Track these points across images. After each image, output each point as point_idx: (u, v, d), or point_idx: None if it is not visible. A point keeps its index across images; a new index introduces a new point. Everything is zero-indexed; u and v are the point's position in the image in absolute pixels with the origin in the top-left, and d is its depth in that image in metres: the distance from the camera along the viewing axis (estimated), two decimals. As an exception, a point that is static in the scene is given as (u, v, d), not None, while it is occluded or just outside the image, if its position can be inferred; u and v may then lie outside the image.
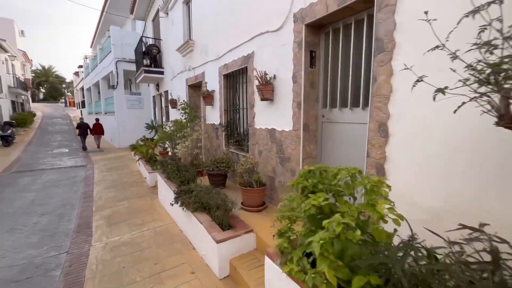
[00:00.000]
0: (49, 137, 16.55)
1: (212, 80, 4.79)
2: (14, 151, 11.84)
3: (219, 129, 4.55)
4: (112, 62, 12.47)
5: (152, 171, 6.04)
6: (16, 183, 6.62)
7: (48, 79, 48.49)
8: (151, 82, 10.01)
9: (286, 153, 2.99)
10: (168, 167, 4.33)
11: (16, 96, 19.58)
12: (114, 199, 5.15)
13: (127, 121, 12.83)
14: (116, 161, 9.50)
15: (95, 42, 19.80)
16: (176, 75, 7.13)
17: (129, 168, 8.20)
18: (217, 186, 3.94)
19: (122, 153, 11.35)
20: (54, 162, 9.57)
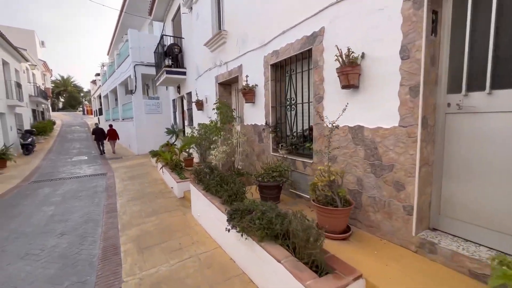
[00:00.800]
0: (68, 144, 16.45)
1: (253, 73, 4.06)
2: (34, 159, 11.62)
3: (265, 131, 3.79)
4: (130, 66, 12.10)
5: (180, 180, 5.35)
6: (35, 194, 6.12)
7: (66, 88, 50.00)
8: (172, 84, 9.46)
9: (385, 159, 2.17)
10: (207, 177, 3.59)
11: (36, 105, 19.81)
12: (140, 214, 4.47)
13: (145, 127, 12.38)
14: (137, 169, 8.95)
15: (112, 48, 19.80)
16: (202, 74, 6.48)
17: (151, 176, 7.58)
18: (270, 201, 3.15)
19: (142, 159, 10.84)
20: (73, 170, 9.14)
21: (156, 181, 6.89)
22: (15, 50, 13.50)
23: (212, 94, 5.93)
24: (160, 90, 13.39)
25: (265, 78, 3.76)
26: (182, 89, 8.89)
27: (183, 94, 8.76)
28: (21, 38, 19.14)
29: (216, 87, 5.67)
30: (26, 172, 9.02)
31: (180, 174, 5.82)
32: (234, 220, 2.46)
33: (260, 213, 2.26)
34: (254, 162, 4.28)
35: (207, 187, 3.53)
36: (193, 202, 4.15)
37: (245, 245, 2.34)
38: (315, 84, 2.84)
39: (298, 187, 3.21)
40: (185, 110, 8.79)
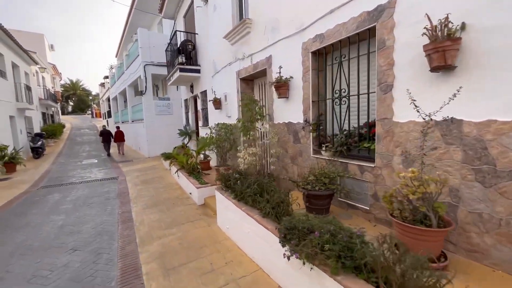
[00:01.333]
0: (77, 147, 16.25)
1: (287, 63, 3.54)
2: (44, 163, 11.35)
3: (304, 129, 3.26)
4: (140, 67, 11.75)
5: (200, 186, 4.86)
6: (44, 201, 5.72)
7: (75, 92, 50.51)
8: (185, 83, 9.02)
9: (502, 163, 1.62)
10: (238, 184, 3.08)
11: (46, 108, 19.75)
12: (159, 224, 3.99)
13: (156, 128, 12.00)
14: (149, 172, 8.52)
15: (120, 50, 19.62)
16: (220, 70, 5.99)
17: (165, 181, 7.13)
18: (319, 213, 2.61)
19: (153, 162, 10.43)
20: (84, 174, 8.78)
21: (171, 186, 6.43)
22: (25, 53, 13.34)
23: (232, 91, 5.43)
24: (170, 91, 13.01)
25: (303, 68, 3.24)
26: (195, 88, 8.43)
27: (197, 93, 8.31)
28: (31, 42, 19.12)
29: (237, 83, 5.17)
30: (35, 176, 8.70)
31: (199, 179, 5.33)
32: (289, 241, 1.93)
33: (329, 235, 1.73)
34: (287, 166, 3.75)
35: (239, 196, 3.01)
36: (220, 212, 3.65)
37: (308, 276, 1.81)
38: (379, 70, 2.30)
39: (351, 196, 2.67)
40: (199, 110, 8.33)
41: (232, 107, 5.54)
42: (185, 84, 9.27)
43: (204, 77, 7.55)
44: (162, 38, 12.06)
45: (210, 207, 4.53)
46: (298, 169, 3.53)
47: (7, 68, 11.57)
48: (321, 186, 2.46)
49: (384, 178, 2.34)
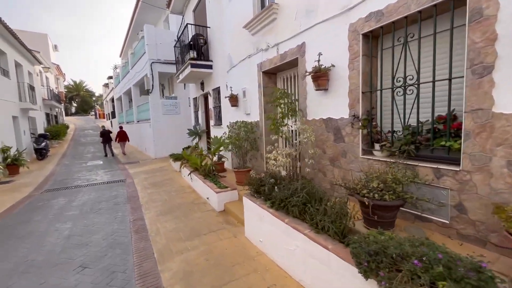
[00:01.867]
0: (82, 148, 15.88)
1: (327, 50, 3.06)
2: (48, 164, 10.97)
3: (353, 125, 2.77)
4: (146, 64, 11.35)
5: (220, 190, 4.39)
6: (49, 206, 5.29)
7: (79, 93, 50.42)
8: (195, 80, 8.57)
9: None
10: (276, 191, 2.61)
11: (50, 109, 19.44)
12: (178, 234, 3.52)
13: (163, 128, 11.58)
14: (158, 174, 8.08)
15: (125, 49, 19.28)
16: (237, 64, 5.53)
17: (176, 183, 6.67)
18: (385, 227, 2.12)
19: (161, 164, 10.00)
20: (90, 176, 8.35)
21: (184, 189, 5.97)
22: (28, 52, 13.00)
23: (253, 86, 4.96)
24: (177, 90, 12.60)
25: (350, 54, 2.76)
26: (206, 85, 7.97)
27: (208, 91, 7.85)
28: (34, 42, 18.82)
29: (259, 77, 4.69)
30: (39, 179, 8.30)
31: (216, 182, 4.86)
32: (374, 271, 1.45)
33: (441, 267, 1.24)
34: (325, 168, 3.27)
35: (279, 205, 2.53)
36: (249, 221, 3.17)
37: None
38: (472, 48, 1.81)
39: (421, 206, 2.18)
40: (210, 109, 7.87)
41: (251, 103, 5.07)
42: (194, 81, 8.82)
43: (216, 73, 7.09)
44: (169, 35, 11.66)
45: (232, 214, 4.06)
46: (340, 172, 3.05)
47: (10, 67, 11.21)
48: (391, 195, 1.98)
49: (475, 185, 1.86)
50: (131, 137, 16.34)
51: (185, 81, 8.71)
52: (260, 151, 4.82)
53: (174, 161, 8.46)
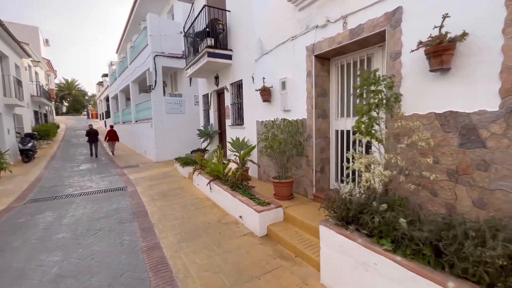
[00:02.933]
0: (73, 150, 14.55)
1: (439, 14, 2.09)
2: (35, 168, 9.68)
3: (510, 121, 1.80)
4: (149, 58, 10.25)
5: (262, 208, 3.34)
6: (32, 225, 4.13)
7: (71, 92, 48.52)
8: (207, 73, 7.53)
9: None
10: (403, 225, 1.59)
11: (39, 107, 17.99)
12: (218, 278, 2.47)
13: (166, 129, 10.45)
14: (164, 181, 6.97)
15: (122, 44, 18.08)
16: (272, 50, 4.53)
17: (189, 193, 5.60)
18: None
19: (164, 168, 8.87)
20: (83, 183, 7.16)
21: (202, 203, 4.89)
22: (15, 42, 11.70)
23: (298, 76, 3.95)
24: (181, 87, 11.51)
25: (509, 13, 1.79)
26: (222, 79, 6.94)
27: (225, 86, 6.81)
28: (24, 35, 17.43)
29: (309, 63, 3.68)
30: (23, 185, 7.06)
31: (251, 196, 3.82)
32: None
33: None
34: (436, 185, 2.27)
35: (413, 250, 1.51)
36: (333, 265, 2.15)
37: None
38: None
39: None
40: (227, 106, 6.82)
41: (294, 97, 4.06)
42: (207, 75, 7.77)
43: (238, 64, 6.07)
44: (174, 26, 10.61)
45: (282, 241, 3.03)
46: (471, 192, 2.05)
47: (-7, 57, 9.94)
48: None
49: None
50: (128, 139, 15.11)
51: (196, 74, 7.65)
52: (308, 157, 3.80)
53: (183, 166, 7.36)
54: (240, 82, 6.09)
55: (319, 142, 3.74)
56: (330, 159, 3.87)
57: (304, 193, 3.96)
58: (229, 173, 4.76)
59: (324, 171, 3.84)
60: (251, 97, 5.47)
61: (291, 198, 3.86)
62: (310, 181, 3.81)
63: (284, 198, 3.83)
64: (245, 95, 5.77)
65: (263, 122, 4.94)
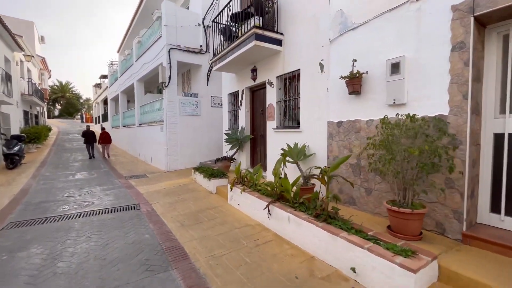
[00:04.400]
0: (67, 155, 12.89)
1: None
2: (21, 176, 8.05)
3: None
4: (162, 51, 8.92)
5: (419, 265, 1.94)
6: (7, 275, 2.62)
7: (64, 95, 46.58)
8: (242, 66, 6.22)
9: None
10: None
11: (30, 107, 16.30)
12: None
13: (179, 133, 9.03)
14: (187, 197, 5.52)
15: (126, 41, 16.74)
16: (369, 22, 3.26)
17: (229, 216, 4.17)
18: None
19: (178, 179, 7.40)
20: (82, 197, 5.63)
21: (257, 233, 3.46)
22: (6, 31, 10.23)
23: (424, 52, 2.66)
24: (195, 87, 10.16)
25: None
26: (264, 71, 5.64)
27: (267, 79, 5.50)
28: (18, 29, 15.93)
29: (462, 30, 2.39)
30: (3, 200, 5.49)
31: (366, 236, 2.42)
32: None
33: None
34: None
35: None
36: None
37: None
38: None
39: None
40: (270, 105, 5.47)
41: (418, 84, 2.74)
42: (239, 68, 6.46)
43: (292, 50, 4.79)
44: (192, 16, 9.37)
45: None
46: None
47: (-22, 44, 8.45)
48: None
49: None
50: (130, 144, 13.54)
51: (226, 68, 6.33)
52: (452, 173, 2.44)
53: (209, 178, 5.93)
54: (294, 74, 4.79)
55: (472, 152, 2.41)
56: (481, 176, 2.53)
57: (440, 230, 2.59)
58: (313, 197, 3.35)
59: (473, 195, 2.49)
60: (316, 90, 4.16)
61: (420, 238, 2.49)
62: (454, 211, 2.46)
63: (409, 236, 2.46)
64: (305, 89, 4.46)
65: (341, 123, 3.60)
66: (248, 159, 6.59)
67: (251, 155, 6.59)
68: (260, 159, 6.20)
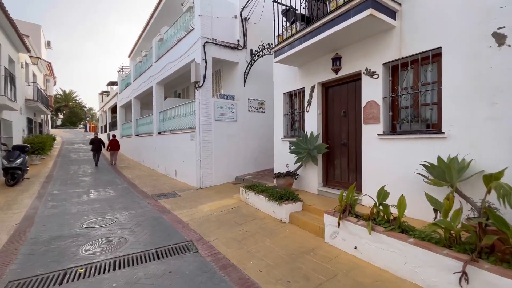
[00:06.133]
0: (75, 167, 11.37)
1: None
2: (24, 195, 6.52)
3: None
4: (195, 45, 7.58)
5: None
6: None
7: (68, 104, 45.51)
8: (315, 55, 4.82)
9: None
10: None
11: (34, 114, 14.90)
12: None
13: (214, 142, 7.56)
14: (250, 228, 4.02)
15: (139, 44, 15.53)
16: None
17: (345, 266, 2.64)
18: None
19: (224, 200, 5.89)
20: (107, 230, 4.08)
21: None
22: (12, 26, 8.94)
23: None
24: (227, 89, 8.76)
25: None
26: (357, 57, 4.22)
27: (365, 69, 4.08)
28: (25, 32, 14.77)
29: None
30: (1, 235, 3.94)
31: None
32: None
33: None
34: None
35: None
36: None
37: None
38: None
39: None
40: (372, 103, 4.00)
41: None
42: (308, 59, 5.05)
43: (420, 21, 3.39)
44: (228, 7, 8.11)
45: None
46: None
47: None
48: None
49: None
50: (146, 155, 11.99)
51: (294, 58, 4.93)
52: None
53: (279, 202, 4.40)
54: (423, 56, 3.36)
55: None
56: None
57: None
58: None
59: None
60: (484, 76, 2.73)
61: None
62: None
63: None
64: (455, 76, 3.02)
65: None
66: (319, 176, 5.09)
67: (325, 170, 5.09)
68: (345, 176, 4.70)
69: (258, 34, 8.15)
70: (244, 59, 8.23)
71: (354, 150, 4.51)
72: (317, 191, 5.06)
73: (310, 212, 4.33)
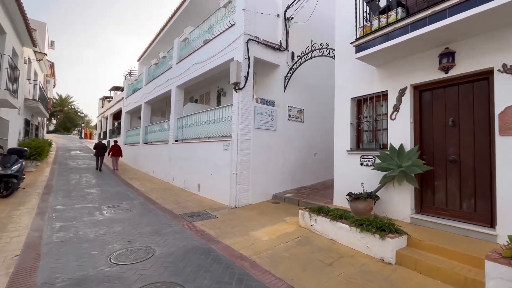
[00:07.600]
0: (75, 176, 9.98)
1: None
2: (20, 210, 5.20)
3: None
4: (236, 42, 6.69)
5: None
6: None
7: (63, 109, 43.84)
8: (413, 50, 3.93)
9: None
10: None
11: (32, 116, 13.55)
12: None
13: (253, 153, 6.47)
14: (349, 273, 2.88)
15: (152, 47, 14.66)
16: None
17: None
18: None
19: (277, 225, 4.74)
20: (146, 269, 2.84)
21: None
22: (22, 15, 7.91)
23: None
24: (262, 95, 7.80)
25: None
26: (479, 53, 3.34)
27: (497, 66, 3.17)
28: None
29: None
30: (-5, 277, 2.68)
31: None
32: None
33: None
34: None
35: None
36: None
37: None
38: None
39: None
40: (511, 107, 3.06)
41: None
42: (399, 56, 4.15)
43: None
44: (271, 4, 7.32)
45: None
46: None
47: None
48: None
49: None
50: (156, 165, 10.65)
51: (383, 54, 4.01)
52: None
53: (381, 235, 3.31)
54: None
55: None
56: None
57: None
58: None
59: None
60: None
61: None
62: None
63: None
64: None
65: None
66: (411, 200, 4.04)
67: (420, 192, 4.04)
68: (456, 202, 3.65)
69: (302, 36, 7.36)
70: (285, 62, 7.36)
71: (472, 169, 3.50)
72: (410, 219, 3.98)
73: (423, 249, 3.23)
